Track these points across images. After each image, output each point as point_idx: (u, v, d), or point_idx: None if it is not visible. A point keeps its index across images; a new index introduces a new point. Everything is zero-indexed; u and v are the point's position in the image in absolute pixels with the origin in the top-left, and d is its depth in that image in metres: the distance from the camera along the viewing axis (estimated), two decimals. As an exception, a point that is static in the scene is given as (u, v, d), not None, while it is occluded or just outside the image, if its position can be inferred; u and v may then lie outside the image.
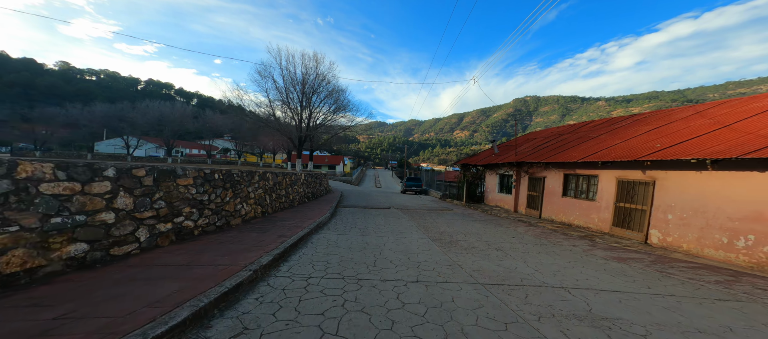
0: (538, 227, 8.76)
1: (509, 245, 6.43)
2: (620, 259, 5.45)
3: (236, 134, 40.75)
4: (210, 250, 3.80)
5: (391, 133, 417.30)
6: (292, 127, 20.30)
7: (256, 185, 6.76)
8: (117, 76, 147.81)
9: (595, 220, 8.02)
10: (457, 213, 12.19)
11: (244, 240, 4.59)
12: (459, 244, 6.29)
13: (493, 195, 14.30)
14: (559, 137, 12.02)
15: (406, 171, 48.35)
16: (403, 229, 7.86)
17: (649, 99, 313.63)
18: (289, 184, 10.01)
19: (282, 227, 6.13)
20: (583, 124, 12.66)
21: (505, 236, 7.47)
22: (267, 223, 6.47)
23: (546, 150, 10.89)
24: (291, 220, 7.27)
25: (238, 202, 5.81)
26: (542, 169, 10.20)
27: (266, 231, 5.52)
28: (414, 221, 9.26)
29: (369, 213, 10.81)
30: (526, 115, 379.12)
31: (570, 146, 9.84)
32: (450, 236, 7.20)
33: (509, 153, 13.85)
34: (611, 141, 8.51)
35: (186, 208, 4.10)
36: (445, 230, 7.98)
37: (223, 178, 5.21)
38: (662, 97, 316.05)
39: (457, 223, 9.31)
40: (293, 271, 3.78)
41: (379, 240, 6.23)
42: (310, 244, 5.36)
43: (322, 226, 7.31)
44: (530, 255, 5.63)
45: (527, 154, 11.59)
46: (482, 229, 8.50)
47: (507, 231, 8.22)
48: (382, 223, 8.62)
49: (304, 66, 19.36)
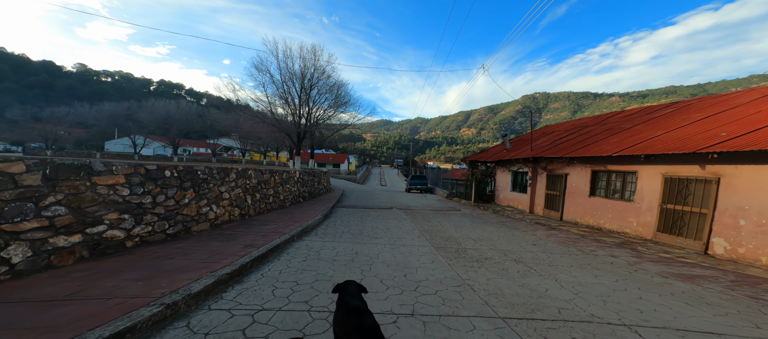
0: (560, 231, 7.54)
1: (531, 255, 5.28)
2: (684, 277, 4.23)
3: (239, 132, 40.51)
4: (131, 270, 2.84)
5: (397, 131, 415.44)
6: (290, 123, 19.47)
7: (231, 184, 5.83)
8: (130, 77, 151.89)
9: (634, 224, 6.74)
10: (464, 214, 11.05)
11: (194, 252, 3.63)
12: (468, 254, 5.18)
13: (505, 194, 13.05)
14: (582, 130, 10.66)
15: (411, 169, 47.16)
16: (403, 233, 6.80)
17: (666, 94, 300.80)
18: (279, 183, 9.09)
19: (257, 233, 5.18)
20: (612, 114, 11.22)
21: (524, 243, 6.31)
22: (242, 228, 5.53)
23: (568, 144, 9.58)
24: (274, 224, 6.31)
25: (205, 204, 4.88)
26: (564, 165, 8.92)
27: (234, 239, 4.56)
28: (416, 224, 8.19)
29: (368, 214, 9.80)
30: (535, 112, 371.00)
31: (598, 139, 8.51)
32: (457, 243, 6.10)
33: (523, 148, 12.55)
34: (652, 131, 7.18)
35: (111, 214, 3.16)
36: (451, 235, 6.88)
37: (179, 175, 4.27)
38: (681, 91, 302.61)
39: (466, 226, 8.19)
40: (242, 298, 2.78)
41: (373, 249, 5.19)
42: (285, 256, 4.37)
43: (308, 231, 6.33)
44: (561, 269, 4.47)
45: (545, 149, 10.30)
46: (495, 233, 7.35)
47: (525, 236, 7.04)
48: (380, 226, 7.59)
49: (303, 59, 18.47)
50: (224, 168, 5.66)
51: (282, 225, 6.27)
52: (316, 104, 20.46)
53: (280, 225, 6.24)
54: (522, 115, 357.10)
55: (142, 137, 44.19)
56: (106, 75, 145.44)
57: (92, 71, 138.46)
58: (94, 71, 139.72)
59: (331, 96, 20.71)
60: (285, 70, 18.13)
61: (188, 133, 47.92)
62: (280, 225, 6.24)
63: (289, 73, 18.22)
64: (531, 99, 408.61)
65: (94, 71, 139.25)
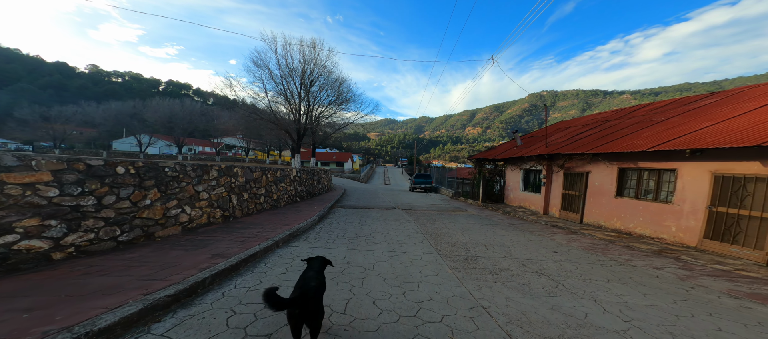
0: (583, 236, 6.68)
1: (555, 266, 4.47)
2: (763, 298, 3.36)
3: (240, 131, 40.31)
4: (31, 293, 2.14)
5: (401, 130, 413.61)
6: (289, 120, 18.89)
7: (211, 183, 5.17)
8: (140, 77, 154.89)
9: (672, 230, 5.83)
10: (472, 215, 10.23)
11: (142, 265, 2.96)
12: (480, 264, 4.41)
13: (516, 194, 12.15)
14: (603, 124, 9.70)
15: (415, 168, 46.29)
16: (404, 237, 6.06)
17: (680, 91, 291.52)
18: (272, 182, 8.44)
19: (236, 239, 4.50)
20: (637, 107, 10.16)
21: (543, 250, 5.49)
22: (221, 232, 4.86)
23: (589, 139, 8.65)
24: (259, 227, 5.64)
25: (175, 205, 4.22)
26: (585, 162, 8.02)
27: (204, 246, 3.89)
28: (420, 226, 7.43)
29: (368, 215, 9.08)
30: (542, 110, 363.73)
31: (625, 133, 7.57)
32: (466, 249, 5.32)
33: (536, 145, 11.64)
34: (693, 123, 6.23)
35: (28, 219, 2.50)
36: (459, 240, 6.10)
37: (138, 173, 3.60)
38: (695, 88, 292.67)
39: (474, 229, 7.39)
40: (177, 332, 2.05)
41: (369, 257, 4.46)
42: (261, 268, 3.67)
43: (297, 235, 5.63)
44: (597, 285, 3.66)
45: (561, 145, 9.39)
46: (508, 237, 6.54)
47: (542, 241, 6.21)
48: (380, 229, 6.85)
49: (302, 55, 17.84)
50: (203, 165, 5.01)
51: (269, 228, 5.59)
52: (316, 101, 19.85)
53: (267, 228, 5.57)
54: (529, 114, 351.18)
55: (148, 136, 44.47)
56: (117, 75, 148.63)
57: (104, 72, 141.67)
58: (106, 72, 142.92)
59: (332, 92, 20.07)
60: (284, 66, 17.55)
61: (192, 131, 48.03)
62: (266, 228, 5.57)
63: (288, 69, 17.63)
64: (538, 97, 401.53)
65: (105, 72, 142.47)
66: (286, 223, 6.25)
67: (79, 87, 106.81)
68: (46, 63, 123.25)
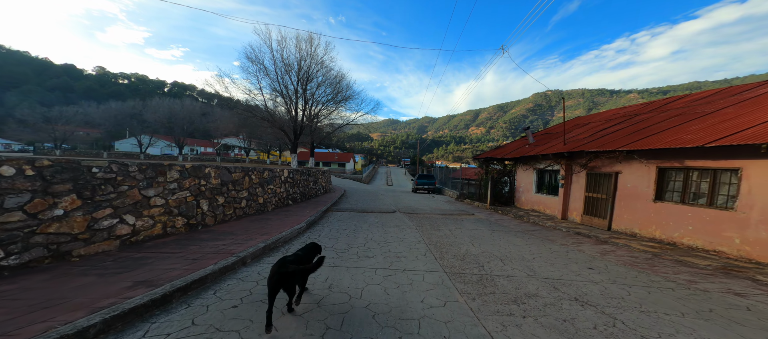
0: (617, 246, 5.63)
1: (598, 289, 3.46)
2: None
3: (237, 129, 39.70)
4: None
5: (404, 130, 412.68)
6: (285, 118, 18.05)
7: (168, 186, 4.27)
8: (146, 79, 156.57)
9: (736, 242, 4.75)
10: (480, 219, 9.22)
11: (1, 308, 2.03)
12: (499, 287, 3.43)
13: (528, 196, 11.08)
14: (632, 118, 8.58)
15: (418, 168, 45.23)
16: (404, 248, 5.09)
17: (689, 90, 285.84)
18: (257, 184, 7.53)
19: (191, 254, 3.58)
20: (671, 100, 8.96)
21: (574, 264, 4.48)
22: (173, 246, 3.94)
23: (617, 135, 7.57)
24: (230, 237, 4.73)
25: (108, 214, 3.32)
26: (613, 161, 6.94)
27: (135, 268, 2.97)
28: (423, 233, 6.45)
29: (365, 220, 8.13)
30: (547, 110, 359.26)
31: (665, 127, 6.45)
32: (479, 265, 4.34)
33: (552, 142, 10.57)
34: (758, 114, 5.12)
35: None
36: (468, 251, 5.11)
37: (40, 175, 2.70)
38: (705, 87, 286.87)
39: (485, 237, 6.39)
40: None
41: (358, 279, 3.50)
42: (202, 300, 2.71)
43: (275, 248, 4.70)
44: (669, 322, 2.64)
45: (583, 142, 8.32)
46: (526, 248, 5.53)
47: (569, 253, 5.18)
48: (376, 237, 5.89)
49: (298, 49, 16.99)
50: (157, 165, 4.11)
51: (241, 239, 4.67)
52: (314, 98, 19.00)
53: (238, 239, 4.65)
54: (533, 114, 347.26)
55: (148, 136, 44.18)
56: (123, 77, 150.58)
57: (110, 74, 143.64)
58: (112, 74, 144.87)
59: (330, 89, 19.19)
60: (279, 61, 16.72)
61: (192, 132, 47.70)
62: (238, 239, 4.64)
63: (283, 64, 16.79)
64: (543, 97, 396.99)
65: (112, 74, 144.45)
66: (265, 232, 5.32)
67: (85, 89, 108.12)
68: (54, 65, 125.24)
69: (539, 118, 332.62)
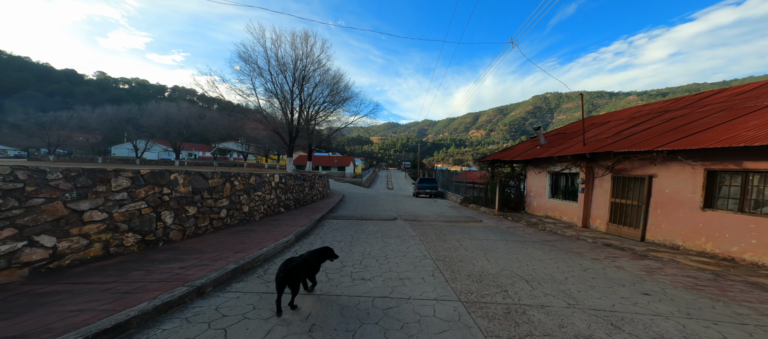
0: (662, 262, 4.76)
1: (679, 332, 2.57)
2: None
3: (233, 133, 38.99)
4: None
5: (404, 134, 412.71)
6: (280, 120, 17.29)
7: (113, 197, 3.43)
8: (146, 84, 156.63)
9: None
10: (489, 227, 8.36)
11: None
12: (536, 324, 2.58)
13: (541, 201, 10.21)
14: (661, 115, 7.72)
15: (419, 171, 44.35)
16: (408, 267, 4.23)
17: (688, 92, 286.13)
18: (240, 190, 6.69)
19: (122, 286, 2.73)
20: (709, 94, 7.99)
21: (621, 287, 3.61)
22: (108, 272, 3.08)
23: (648, 134, 6.69)
24: (193, 257, 3.86)
25: (10, 235, 2.48)
26: (647, 163, 6.07)
27: (24, 313, 2.12)
28: (428, 246, 5.58)
29: (363, 229, 7.28)
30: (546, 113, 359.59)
31: (712, 124, 5.59)
32: (501, 289, 3.50)
33: (567, 143, 9.74)
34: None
35: None
36: (485, 269, 4.25)
37: None
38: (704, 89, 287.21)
39: (500, 250, 5.54)
40: None
41: (349, 318, 2.63)
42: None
43: (250, 270, 3.84)
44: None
45: (606, 142, 7.48)
46: (553, 264, 4.67)
47: (606, 270, 4.30)
48: (374, 252, 5.04)
49: (294, 48, 16.29)
50: (96, 170, 3.28)
51: (209, 258, 3.80)
52: (311, 99, 18.26)
53: (205, 259, 3.78)
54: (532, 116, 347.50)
55: (144, 141, 43.46)
56: (124, 82, 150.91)
57: (111, 79, 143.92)
58: (113, 79, 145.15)
59: (327, 90, 18.46)
60: (274, 61, 16.00)
61: (189, 136, 47.00)
62: (204, 259, 3.78)
63: (277, 63, 16.08)
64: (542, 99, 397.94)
65: (113, 79, 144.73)
66: (242, 248, 4.46)
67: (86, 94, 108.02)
68: (55, 70, 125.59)
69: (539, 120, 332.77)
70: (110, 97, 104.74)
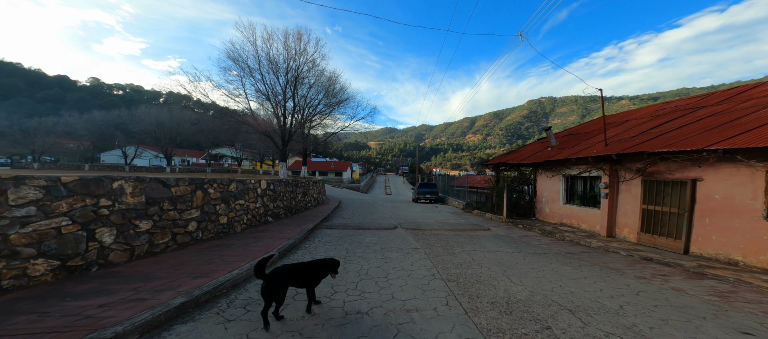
0: (728, 282, 3.90)
1: None
2: None
3: (221, 138, 37.81)
4: None
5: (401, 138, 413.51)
6: (273, 123, 16.40)
7: (12, 215, 2.48)
8: (141, 90, 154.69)
9: None
10: (500, 236, 7.50)
11: None
12: None
13: (554, 207, 9.37)
14: (694, 111, 6.95)
15: (418, 176, 43.49)
16: (414, 290, 3.33)
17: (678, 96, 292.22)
18: (216, 199, 5.73)
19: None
20: (746, 87, 7.17)
21: (704, 323, 2.70)
22: None
23: (687, 131, 5.90)
24: (136, 285, 2.89)
25: None
26: (689, 164, 5.26)
27: None
28: (435, 261, 4.66)
29: (360, 240, 6.35)
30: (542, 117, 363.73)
31: (766, 119, 4.83)
32: (541, 324, 2.61)
33: (582, 143, 8.98)
34: None
35: None
36: (511, 293, 3.36)
37: None
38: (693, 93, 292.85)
39: (519, 265, 4.67)
40: None
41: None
42: None
43: (205, 304, 2.87)
44: None
45: (635, 142, 6.68)
46: (591, 284, 3.81)
47: (664, 294, 3.41)
48: (374, 270, 4.11)
49: (286, 47, 15.52)
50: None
51: (151, 289, 2.83)
52: (305, 101, 17.43)
53: (147, 289, 2.81)
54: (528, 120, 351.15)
55: (134, 147, 42.10)
56: (118, 88, 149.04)
57: (105, 85, 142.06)
58: (107, 85, 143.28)
59: (322, 92, 17.67)
60: (265, 59, 15.18)
61: (182, 142, 45.76)
62: (143, 289, 2.81)
63: (269, 63, 15.26)
64: (537, 104, 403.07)
65: (106, 85, 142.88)
66: (205, 272, 3.49)
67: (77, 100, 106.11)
68: (47, 77, 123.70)
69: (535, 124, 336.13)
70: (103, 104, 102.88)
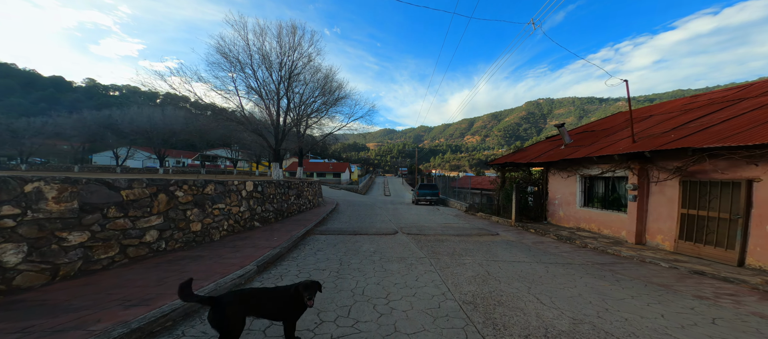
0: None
1: None
2: None
3: (229, 140, 36.92)
4: None
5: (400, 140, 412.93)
6: (263, 121, 15.55)
7: None
8: (137, 91, 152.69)
9: None
10: (512, 242, 6.73)
11: None
12: None
13: (569, 210, 8.59)
14: (737, 104, 6.18)
15: (417, 177, 42.71)
16: (421, 317, 2.55)
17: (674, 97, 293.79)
18: (187, 203, 4.88)
19: None
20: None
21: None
22: None
23: (736, 123, 5.15)
24: (24, 323, 2.03)
25: None
26: (743, 163, 4.48)
27: None
28: (444, 275, 3.83)
29: (357, 248, 5.53)
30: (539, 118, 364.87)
31: None
32: None
33: (602, 141, 8.21)
34: None
35: None
36: (544, 319, 2.53)
37: None
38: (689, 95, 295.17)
39: (543, 279, 3.88)
40: None
41: None
42: None
43: None
44: None
45: (668, 137, 5.90)
46: (644, 306, 3.03)
47: (751, 324, 2.61)
48: (371, 288, 3.28)
49: (280, 42, 14.71)
50: None
51: (53, 328, 1.98)
52: (300, 99, 16.61)
53: (42, 330, 1.96)
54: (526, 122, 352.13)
55: (126, 148, 40.98)
56: (114, 89, 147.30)
57: (101, 85, 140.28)
58: (103, 85, 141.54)
59: (318, 90, 16.86)
60: (257, 56, 14.36)
61: (176, 143, 44.69)
62: (39, 330, 1.96)
63: (261, 58, 14.43)
64: (535, 105, 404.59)
65: (102, 85, 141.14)
66: (148, 297, 2.64)
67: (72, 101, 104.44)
68: (41, 77, 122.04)
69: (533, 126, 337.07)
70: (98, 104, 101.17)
